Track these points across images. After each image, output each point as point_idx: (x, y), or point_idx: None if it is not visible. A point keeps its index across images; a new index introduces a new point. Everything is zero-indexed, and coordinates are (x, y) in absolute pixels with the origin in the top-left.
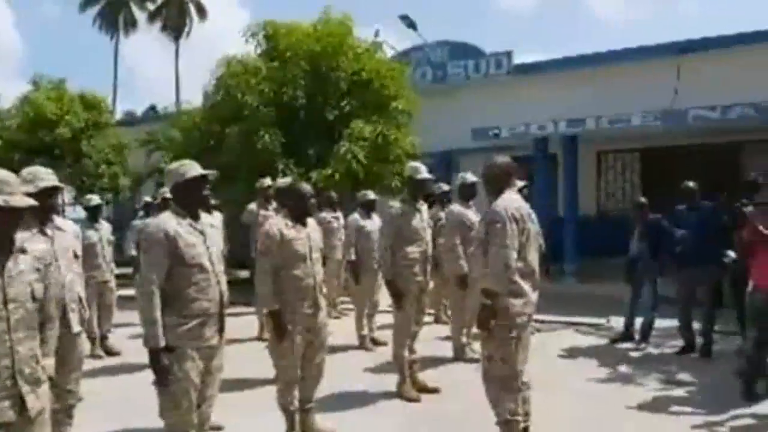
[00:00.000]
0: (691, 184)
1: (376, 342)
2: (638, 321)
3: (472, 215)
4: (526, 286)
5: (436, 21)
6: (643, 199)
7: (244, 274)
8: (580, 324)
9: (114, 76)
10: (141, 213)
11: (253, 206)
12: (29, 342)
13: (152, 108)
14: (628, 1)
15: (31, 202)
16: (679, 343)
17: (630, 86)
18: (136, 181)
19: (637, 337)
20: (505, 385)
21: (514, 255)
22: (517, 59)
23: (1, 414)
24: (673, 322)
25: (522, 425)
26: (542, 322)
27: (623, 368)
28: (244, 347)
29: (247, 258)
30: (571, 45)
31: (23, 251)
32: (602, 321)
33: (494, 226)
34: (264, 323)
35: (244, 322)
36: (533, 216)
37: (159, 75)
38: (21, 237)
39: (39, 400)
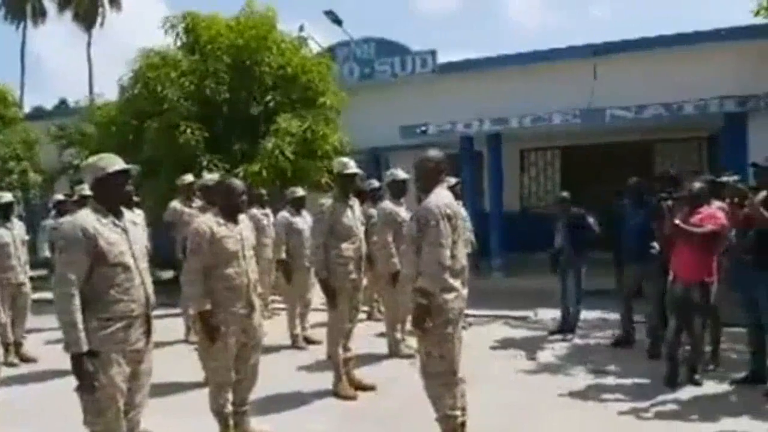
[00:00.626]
0: (634, 179)
1: (309, 341)
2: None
3: (404, 212)
4: (456, 282)
5: (361, 18)
6: (565, 194)
7: (167, 274)
8: (508, 317)
9: (21, 68)
10: (53, 212)
11: (175, 203)
12: None
13: (63, 102)
14: (543, 6)
15: None
16: (604, 333)
17: (550, 86)
18: (47, 178)
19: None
20: (443, 380)
21: (448, 253)
22: (439, 59)
23: None
24: (597, 314)
25: (459, 419)
26: (472, 316)
27: (552, 359)
28: (170, 350)
29: (171, 257)
30: (489, 47)
31: None
32: (530, 314)
33: (427, 225)
34: (191, 325)
35: (169, 324)
36: (463, 212)
37: (69, 67)
38: None
39: None
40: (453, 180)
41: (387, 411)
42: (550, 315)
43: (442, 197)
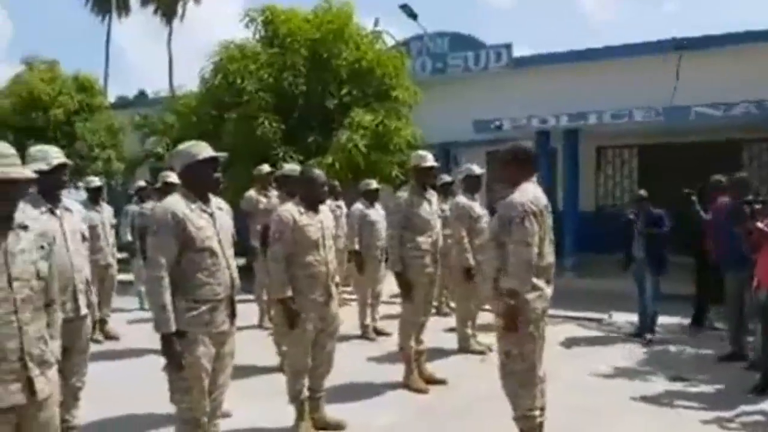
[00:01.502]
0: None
1: (378, 332)
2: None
3: (478, 208)
4: (539, 281)
5: (435, 11)
6: (643, 192)
7: (240, 261)
8: (582, 319)
9: (105, 59)
10: (135, 198)
11: (252, 193)
12: (36, 323)
13: (142, 93)
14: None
15: (31, 174)
16: (679, 338)
17: (629, 82)
18: (130, 165)
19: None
20: (522, 380)
21: (535, 251)
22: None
23: (12, 397)
24: (676, 319)
25: (538, 420)
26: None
27: (628, 363)
28: (244, 335)
29: (245, 245)
30: (558, 41)
31: (24, 228)
32: (604, 316)
33: (512, 222)
34: (264, 310)
35: (244, 310)
36: (549, 207)
37: (149, 60)
38: (28, 215)
39: (48, 383)
40: (447, 177)
41: (458, 406)
42: (625, 318)
43: (527, 192)
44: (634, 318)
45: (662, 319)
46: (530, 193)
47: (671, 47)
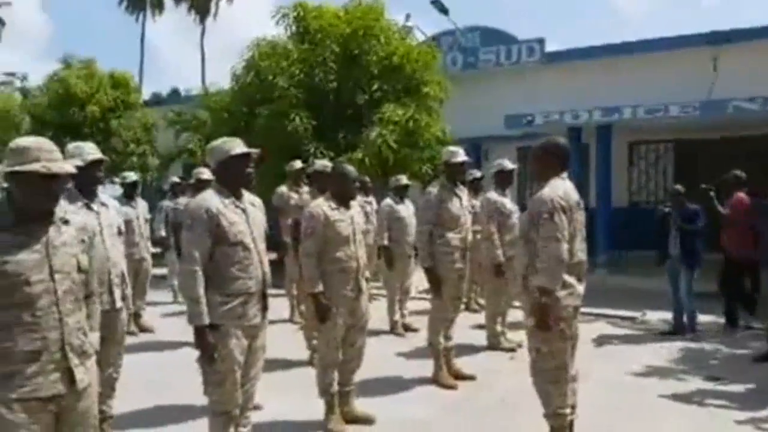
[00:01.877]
0: None
1: (407, 328)
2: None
3: (509, 203)
4: (571, 278)
5: (465, 6)
6: (679, 187)
7: (271, 256)
8: (614, 317)
9: (140, 57)
10: (169, 193)
11: (283, 188)
12: (77, 314)
13: (175, 91)
14: None
15: (72, 168)
16: (714, 336)
17: (664, 76)
18: (164, 161)
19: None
20: (553, 378)
21: (565, 248)
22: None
23: (52, 387)
24: (711, 318)
25: (569, 418)
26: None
27: (662, 362)
28: (275, 329)
29: (277, 240)
30: (592, 36)
31: (66, 222)
32: (637, 314)
33: (541, 218)
34: (294, 305)
35: (274, 304)
36: (581, 203)
37: (183, 57)
38: (67, 210)
39: (87, 373)
40: (477, 173)
41: (487, 403)
42: (659, 316)
43: (557, 187)
44: (667, 316)
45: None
46: (560, 188)
47: (708, 40)
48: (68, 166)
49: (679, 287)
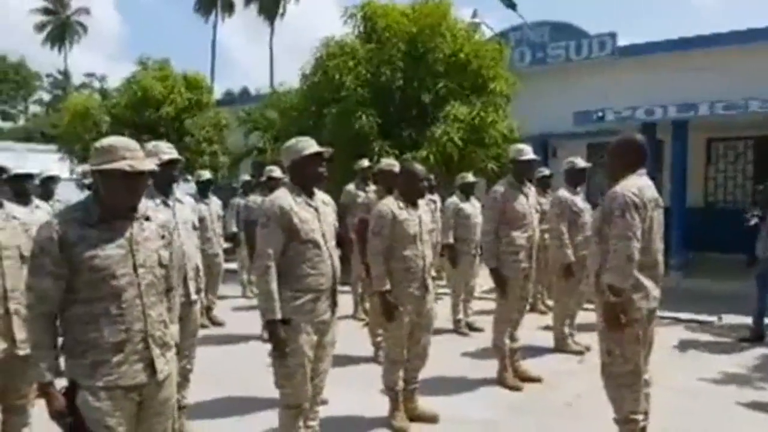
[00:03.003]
0: None
1: (471, 327)
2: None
3: (580, 202)
4: (646, 279)
5: (534, 1)
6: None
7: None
8: (689, 321)
9: (212, 57)
10: (240, 191)
11: (351, 187)
12: (158, 307)
13: (245, 90)
14: None
15: (154, 166)
16: None
17: (743, 70)
18: (234, 160)
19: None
20: (625, 382)
21: (637, 246)
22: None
23: (135, 376)
24: None
25: (641, 424)
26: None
27: (740, 369)
28: (340, 325)
29: (343, 238)
30: (665, 29)
31: (147, 218)
32: (713, 318)
33: (611, 215)
34: (358, 302)
35: (339, 301)
36: (660, 201)
37: (253, 56)
38: (146, 206)
39: (168, 364)
40: (546, 171)
41: (553, 405)
42: (737, 321)
43: (631, 184)
44: (745, 321)
45: None
46: (634, 185)
47: None
48: (151, 164)
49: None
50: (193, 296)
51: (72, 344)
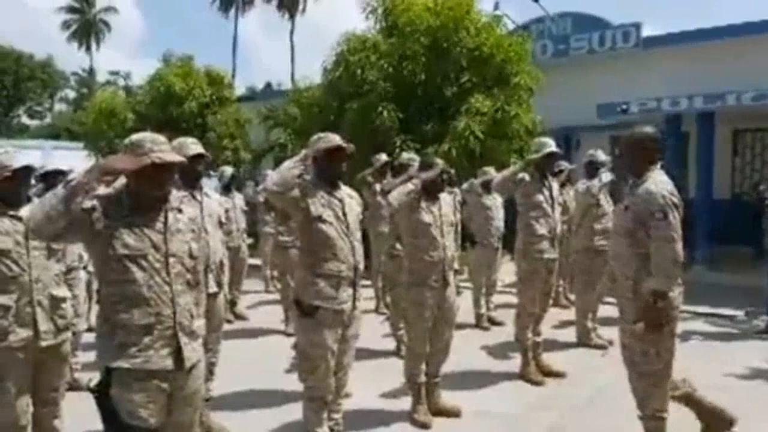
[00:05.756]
0: None
1: (493, 321)
2: None
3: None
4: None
5: None
6: None
7: None
8: (713, 315)
9: (233, 53)
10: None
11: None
12: (186, 296)
13: (268, 85)
14: None
15: (181, 158)
16: None
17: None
18: (256, 156)
19: None
20: (657, 380)
21: (680, 247)
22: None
23: (161, 361)
24: None
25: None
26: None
27: (764, 363)
28: (362, 319)
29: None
30: (691, 20)
31: (180, 211)
32: (738, 313)
33: (654, 218)
34: (380, 296)
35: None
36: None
37: (274, 52)
38: (179, 198)
39: (195, 352)
40: (565, 164)
41: (576, 400)
42: (762, 315)
43: (663, 183)
44: None
45: None
46: (667, 183)
47: None
48: (179, 156)
49: None
50: (213, 288)
51: (102, 324)
